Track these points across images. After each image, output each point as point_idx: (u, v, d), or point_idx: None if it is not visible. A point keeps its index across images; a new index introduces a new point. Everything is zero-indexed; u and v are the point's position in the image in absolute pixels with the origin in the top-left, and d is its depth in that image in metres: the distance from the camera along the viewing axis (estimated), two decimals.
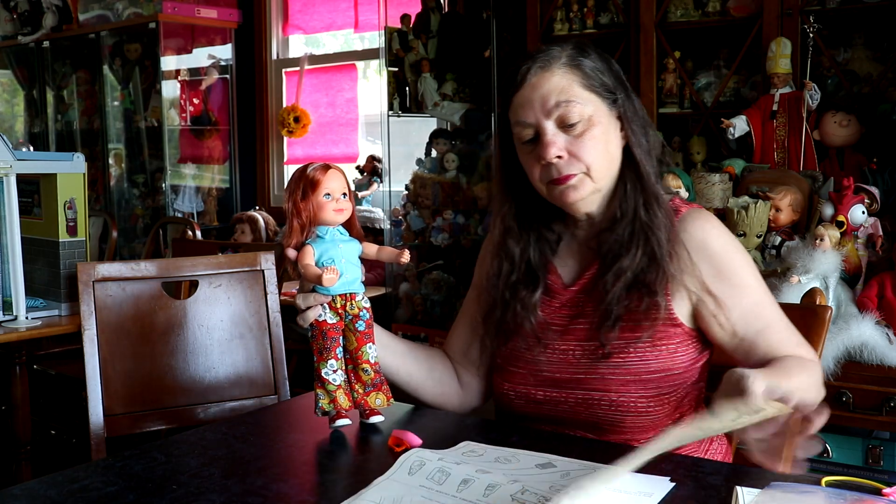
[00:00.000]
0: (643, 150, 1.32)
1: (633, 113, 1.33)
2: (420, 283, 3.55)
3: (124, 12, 4.67)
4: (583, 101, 1.28)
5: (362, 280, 1.27)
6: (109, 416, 1.65)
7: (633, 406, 1.28)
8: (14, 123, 5.64)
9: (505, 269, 1.39)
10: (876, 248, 2.25)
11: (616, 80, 1.33)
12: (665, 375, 1.29)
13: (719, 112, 2.76)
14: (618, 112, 1.32)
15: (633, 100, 1.35)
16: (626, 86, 1.35)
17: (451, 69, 3.56)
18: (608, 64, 1.34)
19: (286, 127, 4.44)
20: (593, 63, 1.31)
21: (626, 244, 1.30)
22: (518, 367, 1.37)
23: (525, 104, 1.30)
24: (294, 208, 1.22)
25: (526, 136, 1.31)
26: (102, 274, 1.70)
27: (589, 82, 1.30)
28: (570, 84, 1.29)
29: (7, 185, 2.14)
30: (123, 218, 4.82)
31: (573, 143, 1.28)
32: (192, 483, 1.06)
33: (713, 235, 1.32)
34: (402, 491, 1.00)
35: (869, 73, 2.62)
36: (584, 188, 1.30)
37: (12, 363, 2.37)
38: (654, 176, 1.33)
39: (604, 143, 1.29)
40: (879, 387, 2.04)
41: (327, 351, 1.24)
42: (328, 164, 1.25)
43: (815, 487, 0.96)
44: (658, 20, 2.85)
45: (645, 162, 1.32)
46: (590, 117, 1.28)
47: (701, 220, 1.33)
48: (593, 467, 1.06)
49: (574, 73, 1.30)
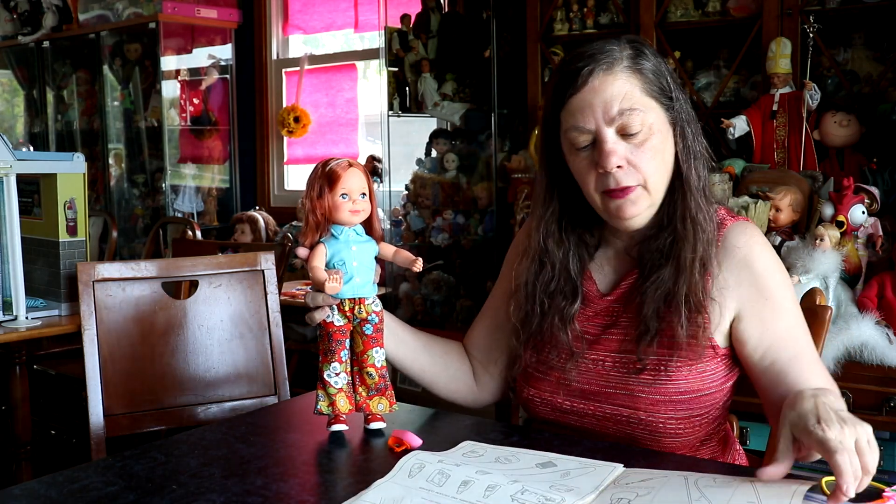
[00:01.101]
0: (694, 158, 1.27)
1: (688, 117, 1.27)
2: (420, 283, 3.55)
3: (124, 12, 4.68)
4: (645, 109, 1.22)
5: (376, 282, 1.25)
6: (109, 416, 1.65)
7: (663, 427, 1.24)
8: (14, 123, 5.64)
9: (545, 275, 1.34)
10: (876, 248, 2.25)
11: (672, 82, 1.27)
12: (696, 396, 1.25)
13: (719, 112, 2.76)
14: (673, 118, 1.26)
15: (687, 102, 1.29)
16: (681, 87, 1.28)
17: (451, 69, 3.56)
18: (664, 65, 1.27)
19: (286, 127, 4.44)
20: (653, 66, 1.25)
21: (666, 254, 1.25)
22: (546, 375, 1.34)
23: (585, 108, 1.22)
24: (310, 205, 1.20)
25: (583, 143, 1.24)
26: (102, 274, 1.70)
27: (650, 87, 1.23)
28: (632, 90, 1.22)
29: (7, 185, 2.14)
30: (123, 218, 4.82)
31: (633, 153, 1.22)
32: (192, 483, 1.06)
33: (756, 252, 1.26)
34: (401, 493, 1.00)
35: (869, 73, 2.62)
36: (642, 203, 1.24)
37: (12, 363, 2.37)
38: (704, 184, 1.27)
39: (661, 152, 1.24)
40: (879, 387, 2.04)
41: (332, 353, 1.23)
42: (351, 160, 1.21)
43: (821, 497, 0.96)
44: (658, 20, 2.85)
45: (695, 171, 1.26)
46: (650, 126, 1.22)
47: (746, 236, 1.27)
48: (594, 465, 1.06)
49: (636, 77, 1.23)
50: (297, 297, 3.63)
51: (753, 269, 1.26)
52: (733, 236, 1.27)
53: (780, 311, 1.25)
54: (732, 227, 1.29)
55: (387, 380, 1.26)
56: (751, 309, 1.25)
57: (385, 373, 1.26)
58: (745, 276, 1.26)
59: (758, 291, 1.25)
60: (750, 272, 1.26)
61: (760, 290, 1.25)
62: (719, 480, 0.99)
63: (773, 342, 1.24)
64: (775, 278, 1.27)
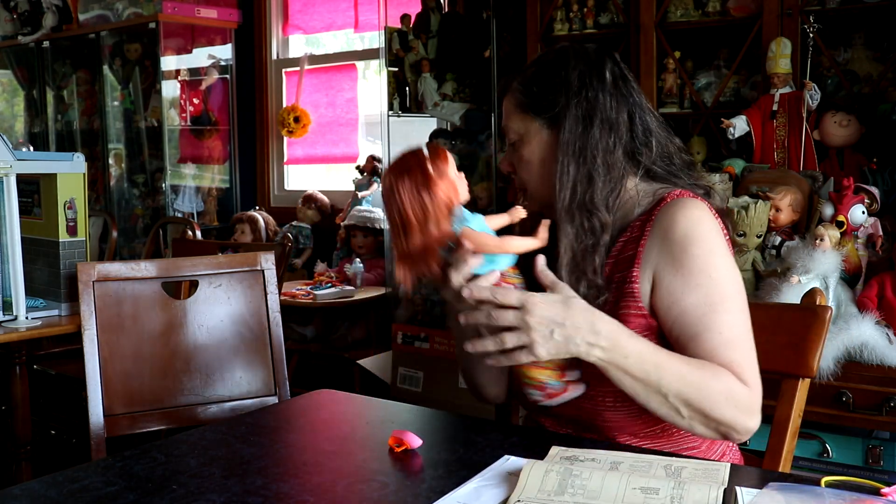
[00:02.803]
0: (580, 153, 1.28)
1: (583, 118, 1.28)
2: (420, 282, 3.54)
3: (124, 12, 4.68)
4: (517, 123, 1.34)
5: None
6: (109, 416, 1.65)
7: (602, 401, 1.25)
8: (14, 123, 5.64)
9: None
10: (876, 248, 2.25)
11: (569, 87, 1.29)
12: None
13: (719, 112, 2.76)
14: (559, 125, 1.29)
15: (590, 107, 1.29)
16: (582, 91, 1.29)
17: (451, 69, 3.56)
18: (566, 73, 1.30)
19: (286, 127, 4.44)
20: (531, 82, 1.33)
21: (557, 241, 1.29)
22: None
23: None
24: (429, 193, 1.14)
25: None
26: (102, 274, 1.70)
27: (524, 103, 1.34)
28: (510, 107, 1.36)
29: (7, 185, 2.14)
30: (123, 218, 4.82)
31: (517, 162, 1.37)
32: (192, 483, 1.06)
33: (679, 225, 1.25)
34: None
35: (869, 73, 2.62)
36: (533, 204, 1.37)
37: (12, 363, 2.37)
38: (600, 171, 1.28)
39: (533, 162, 1.33)
40: (879, 387, 2.04)
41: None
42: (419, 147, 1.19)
43: (815, 487, 0.96)
44: (658, 20, 2.85)
45: (578, 165, 1.28)
46: (521, 136, 1.34)
47: (674, 209, 1.27)
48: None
49: (513, 96, 1.35)
50: (298, 297, 3.63)
51: (671, 239, 1.25)
52: (664, 211, 1.28)
53: (692, 286, 1.23)
54: (669, 204, 1.28)
55: None
56: (663, 279, 1.25)
57: None
58: (664, 247, 1.26)
59: (672, 262, 1.25)
60: (667, 242, 1.25)
61: (674, 261, 1.24)
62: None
63: (680, 316, 1.23)
64: (690, 250, 1.24)
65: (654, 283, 1.26)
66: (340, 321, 3.85)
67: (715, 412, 1.17)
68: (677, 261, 1.24)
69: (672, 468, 1.06)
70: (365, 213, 3.92)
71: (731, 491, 0.97)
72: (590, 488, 0.97)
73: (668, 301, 1.24)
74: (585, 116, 1.28)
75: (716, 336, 1.21)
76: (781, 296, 2.09)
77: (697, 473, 1.04)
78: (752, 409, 1.19)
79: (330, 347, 3.77)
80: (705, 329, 1.21)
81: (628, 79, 1.33)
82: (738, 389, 1.18)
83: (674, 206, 1.27)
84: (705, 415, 1.17)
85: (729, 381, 1.18)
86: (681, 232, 1.25)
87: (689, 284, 1.23)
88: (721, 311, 1.22)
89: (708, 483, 0.98)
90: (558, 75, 1.31)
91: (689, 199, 1.28)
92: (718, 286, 1.23)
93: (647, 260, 1.26)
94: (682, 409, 1.16)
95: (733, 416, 1.18)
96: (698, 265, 1.23)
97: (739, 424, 1.19)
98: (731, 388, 1.18)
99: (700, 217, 1.26)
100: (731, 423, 1.18)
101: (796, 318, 1.44)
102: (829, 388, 2.06)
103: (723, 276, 1.24)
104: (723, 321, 1.22)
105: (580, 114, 1.28)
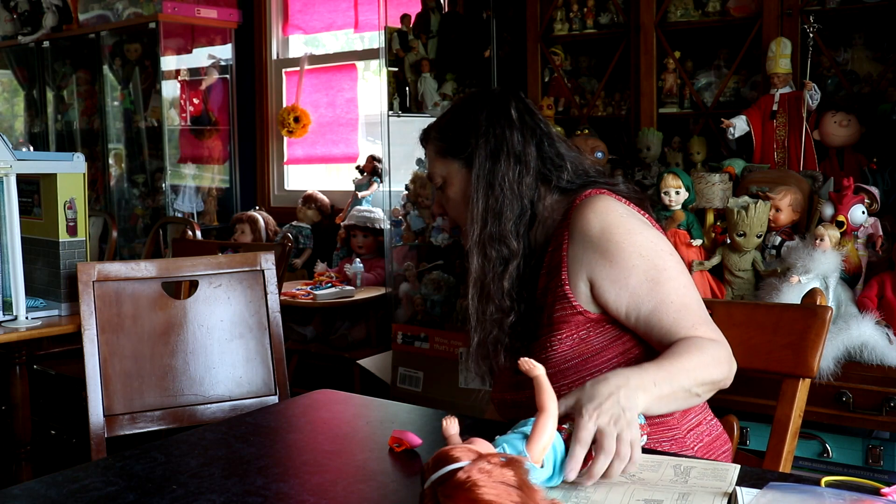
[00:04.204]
0: (490, 185, 1.40)
1: (491, 155, 1.40)
2: (420, 283, 3.55)
3: (124, 12, 4.68)
4: (440, 168, 1.47)
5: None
6: (109, 416, 1.65)
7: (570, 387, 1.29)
8: (14, 123, 5.64)
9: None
10: (876, 248, 2.25)
11: (479, 130, 1.41)
12: (580, 361, 1.34)
13: (719, 112, 2.76)
14: (473, 166, 1.41)
15: (498, 143, 1.41)
16: (490, 130, 1.41)
17: (451, 69, 3.56)
18: (474, 116, 1.43)
19: (286, 127, 4.44)
20: (446, 129, 1.46)
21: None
22: (499, 376, 1.46)
23: None
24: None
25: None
26: (102, 274, 1.70)
27: (443, 149, 1.46)
28: (430, 153, 1.49)
29: (7, 185, 2.14)
30: (123, 218, 4.82)
31: (445, 202, 1.49)
32: (192, 483, 1.06)
33: (589, 220, 1.34)
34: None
35: (869, 73, 2.62)
36: (467, 239, 1.42)
37: (12, 363, 2.37)
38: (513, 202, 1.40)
39: (459, 200, 1.45)
40: (879, 387, 2.04)
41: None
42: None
43: (815, 487, 0.96)
44: (658, 20, 2.85)
45: (487, 197, 1.40)
46: (444, 179, 1.47)
47: (583, 208, 1.36)
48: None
49: (432, 145, 1.48)
50: (298, 297, 3.63)
51: (589, 236, 1.34)
52: (574, 213, 1.37)
53: (627, 268, 1.31)
54: (578, 206, 1.38)
55: None
56: (599, 274, 1.33)
57: None
58: (586, 246, 1.34)
59: (600, 256, 1.33)
60: (588, 240, 1.34)
61: (602, 254, 1.32)
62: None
63: (630, 299, 1.31)
64: (613, 239, 1.32)
65: (592, 283, 1.34)
66: (340, 321, 3.85)
67: (716, 378, 1.25)
68: (605, 254, 1.32)
69: (681, 468, 1.06)
70: (365, 213, 3.92)
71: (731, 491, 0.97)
72: (594, 499, 0.98)
73: (615, 292, 1.32)
74: (493, 153, 1.40)
75: (669, 306, 1.29)
76: (781, 296, 2.10)
77: (706, 474, 1.04)
78: (730, 356, 1.28)
79: (330, 347, 3.77)
80: (659, 302, 1.30)
81: (534, 112, 1.46)
82: (715, 350, 1.26)
83: (582, 207, 1.36)
84: (711, 384, 1.25)
85: (708, 347, 1.25)
86: (597, 227, 1.33)
87: (626, 269, 1.31)
88: (664, 281, 1.31)
89: (713, 492, 0.98)
90: (468, 119, 1.44)
91: (593, 196, 1.38)
92: (651, 260, 1.32)
93: (574, 262, 1.35)
94: (698, 390, 1.23)
95: (727, 371, 1.27)
96: (626, 249, 1.32)
97: (730, 374, 1.27)
98: (712, 352, 1.25)
99: (606, 207, 1.35)
100: (727, 376, 1.27)
101: (796, 318, 1.44)
102: (829, 388, 2.06)
103: (651, 250, 1.33)
104: (669, 289, 1.30)
105: (488, 151, 1.40)
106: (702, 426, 1.40)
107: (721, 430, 1.44)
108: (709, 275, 2.38)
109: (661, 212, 2.44)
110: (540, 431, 1.01)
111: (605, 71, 3.04)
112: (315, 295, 3.62)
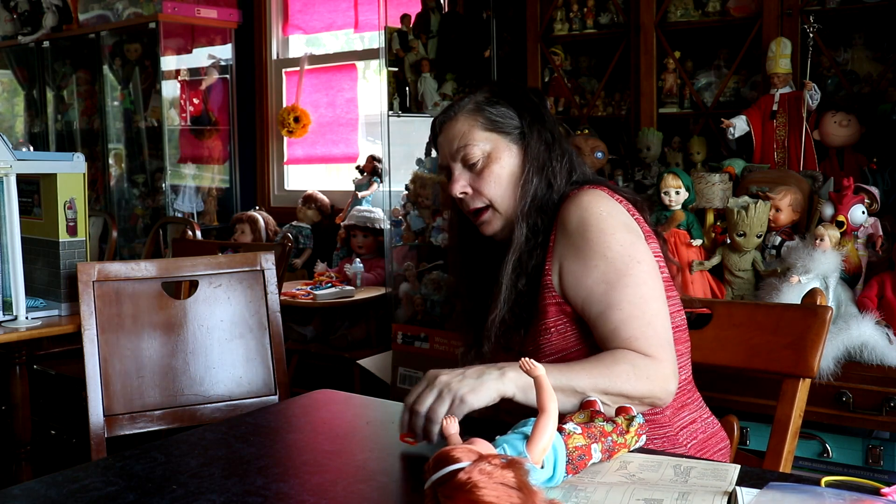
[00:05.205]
0: (542, 172, 1.42)
1: (544, 143, 1.43)
2: (420, 283, 3.55)
3: (124, 12, 4.68)
4: (483, 142, 1.42)
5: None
6: (109, 416, 1.65)
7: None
8: (14, 123, 5.64)
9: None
10: (876, 248, 2.25)
11: (526, 114, 1.44)
12: (565, 356, 1.35)
13: (719, 112, 2.76)
14: (524, 144, 1.43)
15: (547, 132, 1.44)
16: (537, 117, 1.45)
17: (451, 69, 3.56)
18: (519, 100, 1.46)
19: (286, 127, 4.44)
20: (502, 108, 1.44)
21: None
22: None
23: (440, 150, 1.48)
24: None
25: (447, 177, 1.47)
26: (102, 274, 1.70)
27: (491, 123, 1.43)
28: (470, 128, 1.43)
29: (7, 185, 2.14)
30: (123, 218, 4.82)
31: (475, 181, 1.43)
32: (192, 483, 1.06)
33: (571, 213, 1.36)
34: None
35: (869, 73, 2.62)
36: (495, 222, 1.44)
37: (12, 363, 2.37)
38: (550, 187, 1.42)
39: (502, 176, 1.42)
40: (879, 387, 2.04)
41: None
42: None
43: (815, 487, 0.96)
44: (658, 20, 2.85)
45: (539, 183, 1.42)
46: (488, 155, 1.42)
47: (571, 202, 1.37)
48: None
49: (476, 116, 1.43)
50: (298, 297, 3.63)
51: (567, 228, 1.36)
52: (563, 207, 1.39)
53: (588, 267, 1.32)
54: (568, 199, 1.39)
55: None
56: (565, 266, 1.35)
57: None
58: (563, 237, 1.36)
59: (570, 246, 1.35)
60: (566, 233, 1.36)
61: (571, 246, 1.34)
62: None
63: (586, 296, 1.32)
64: (585, 235, 1.33)
65: (560, 272, 1.35)
66: (340, 321, 3.85)
67: (629, 390, 1.23)
68: (574, 247, 1.34)
69: (681, 468, 1.06)
70: (365, 213, 3.92)
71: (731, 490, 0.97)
72: (594, 499, 0.97)
73: (574, 285, 1.34)
74: (543, 135, 1.43)
75: (617, 313, 1.29)
76: (781, 296, 2.09)
77: (706, 474, 1.04)
78: (664, 376, 1.26)
79: (330, 347, 3.77)
80: (608, 307, 1.30)
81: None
82: (641, 362, 1.25)
83: (571, 200, 1.38)
84: (624, 395, 1.22)
85: (630, 358, 1.25)
86: (575, 221, 1.35)
87: (588, 267, 1.32)
88: (620, 287, 1.30)
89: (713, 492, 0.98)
90: (518, 100, 1.46)
91: (585, 190, 1.39)
92: (614, 264, 1.31)
93: (555, 252, 1.37)
94: (603, 397, 1.20)
95: (648, 388, 1.24)
96: (592, 248, 1.32)
97: (657, 392, 1.25)
98: (634, 364, 1.24)
99: (591, 202, 1.36)
100: (649, 394, 1.25)
101: (796, 318, 1.44)
102: (829, 388, 2.06)
103: (618, 255, 1.32)
104: (622, 297, 1.29)
105: (541, 135, 1.43)
106: (696, 424, 1.40)
107: (718, 427, 1.44)
108: (709, 275, 2.38)
109: (661, 212, 2.44)
110: (540, 432, 1.01)
111: (605, 71, 3.04)
112: (315, 295, 3.62)
